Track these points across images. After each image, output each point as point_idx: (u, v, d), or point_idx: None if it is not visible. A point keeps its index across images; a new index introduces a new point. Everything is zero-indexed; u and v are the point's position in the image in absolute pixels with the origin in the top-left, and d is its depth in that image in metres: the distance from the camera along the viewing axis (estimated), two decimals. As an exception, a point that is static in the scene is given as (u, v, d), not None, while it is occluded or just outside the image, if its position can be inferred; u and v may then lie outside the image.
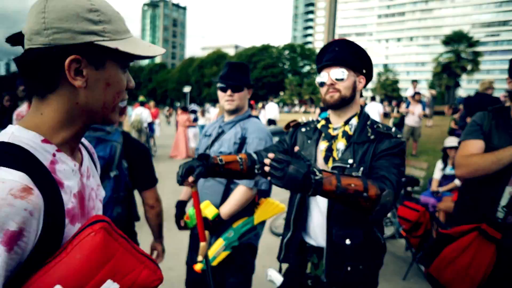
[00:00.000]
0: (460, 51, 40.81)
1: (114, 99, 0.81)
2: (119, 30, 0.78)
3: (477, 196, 1.89)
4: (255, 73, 62.38)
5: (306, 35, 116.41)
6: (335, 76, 1.52)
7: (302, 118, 1.84)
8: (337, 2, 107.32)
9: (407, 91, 10.04)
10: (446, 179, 4.82)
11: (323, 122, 1.66)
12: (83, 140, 1.00)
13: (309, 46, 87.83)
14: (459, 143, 2.02)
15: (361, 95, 1.67)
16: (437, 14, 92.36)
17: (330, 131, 1.60)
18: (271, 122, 12.14)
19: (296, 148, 1.33)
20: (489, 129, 1.88)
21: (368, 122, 1.57)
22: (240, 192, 2.03)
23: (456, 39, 40.69)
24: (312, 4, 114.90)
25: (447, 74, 41.21)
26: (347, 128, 1.56)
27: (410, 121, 9.26)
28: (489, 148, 1.85)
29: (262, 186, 2.05)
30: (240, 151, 2.09)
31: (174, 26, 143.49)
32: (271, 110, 12.69)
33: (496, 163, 1.74)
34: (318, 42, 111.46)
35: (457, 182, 4.60)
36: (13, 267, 0.62)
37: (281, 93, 65.88)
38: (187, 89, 33.81)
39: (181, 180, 1.52)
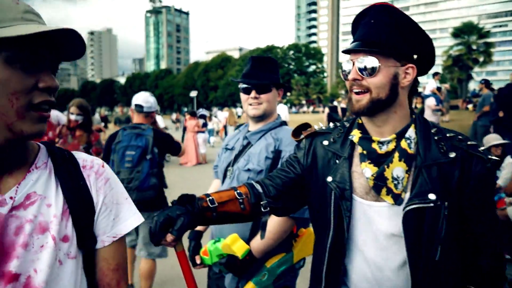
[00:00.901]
0: (471, 43, 39.75)
1: (11, 103, 0.66)
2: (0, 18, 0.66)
3: None
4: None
5: (310, 35, 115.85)
6: (361, 67, 1.03)
7: (320, 124, 1.33)
8: (339, 0, 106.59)
9: (428, 85, 9.44)
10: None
11: (358, 132, 1.14)
12: (83, 157, 0.86)
13: (314, 45, 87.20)
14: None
15: (415, 93, 1.15)
16: (442, 7, 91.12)
17: (375, 147, 1.08)
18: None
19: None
20: None
21: (433, 131, 1.07)
22: (276, 221, 1.56)
23: (466, 31, 39.70)
24: (314, 3, 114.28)
25: (458, 67, 40.22)
26: (403, 144, 1.05)
27: (435, 118, 8.54)
28: None
29: (305, 213, 1.58)
30: (274, 169, 1.64)
31: (177, 32, 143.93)
32: (281, 111, 12.15)
33: None
34: (322, 41, 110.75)
35: (500, 182, 4.10)
36: None
37: (288, 94, 65.38)
38: (193, 93, 33.62)
39: (156, 239, 1.05)
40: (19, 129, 0.68)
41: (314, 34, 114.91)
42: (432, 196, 0.99)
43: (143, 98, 2.96)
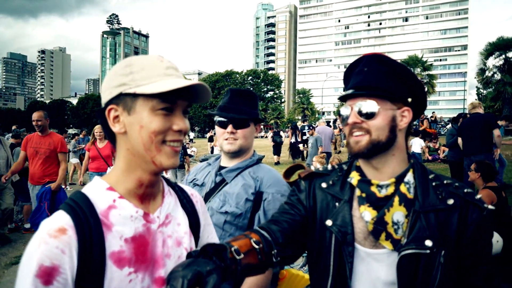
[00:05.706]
0: (416, 74, 42.64)
1: (151, 140, 0.81)
2: (148, 75, 0.81)
3: None
4: (219, 99, 62.33)
5: (268, 62, 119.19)
6: (361, 111, 1.04)
7: (317, 165, 1.27)
8: (297, 30, 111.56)
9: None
10: None
11: (356, 175, 1.11)
12: (186, 187, 1.05)
13: (272, 72, 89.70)
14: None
15: (410, 133, 1.15)
16: (389, 41, 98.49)
17: (374, 190, 1.06)
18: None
19: None
20: None
21: (431, 177, 1.08)
22: (256, 277, 1.41)
23: (411, 64, 42.91)
24: (272, 32, 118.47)
25: (405, 96, 42.91)
26: (403, 188, 1.04)
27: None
28: None
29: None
30: (256, 212, 1.52)
31: (136, 54, 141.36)
32: (415, 145, 11.75)
33: None
34: (280, 68, 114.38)
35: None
36: None
37: (247, 118, 66.06)
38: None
39: None
40: (155, 161, 0.83)
41: (272, 61, 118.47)
42: (428, 243, 0.97)
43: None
